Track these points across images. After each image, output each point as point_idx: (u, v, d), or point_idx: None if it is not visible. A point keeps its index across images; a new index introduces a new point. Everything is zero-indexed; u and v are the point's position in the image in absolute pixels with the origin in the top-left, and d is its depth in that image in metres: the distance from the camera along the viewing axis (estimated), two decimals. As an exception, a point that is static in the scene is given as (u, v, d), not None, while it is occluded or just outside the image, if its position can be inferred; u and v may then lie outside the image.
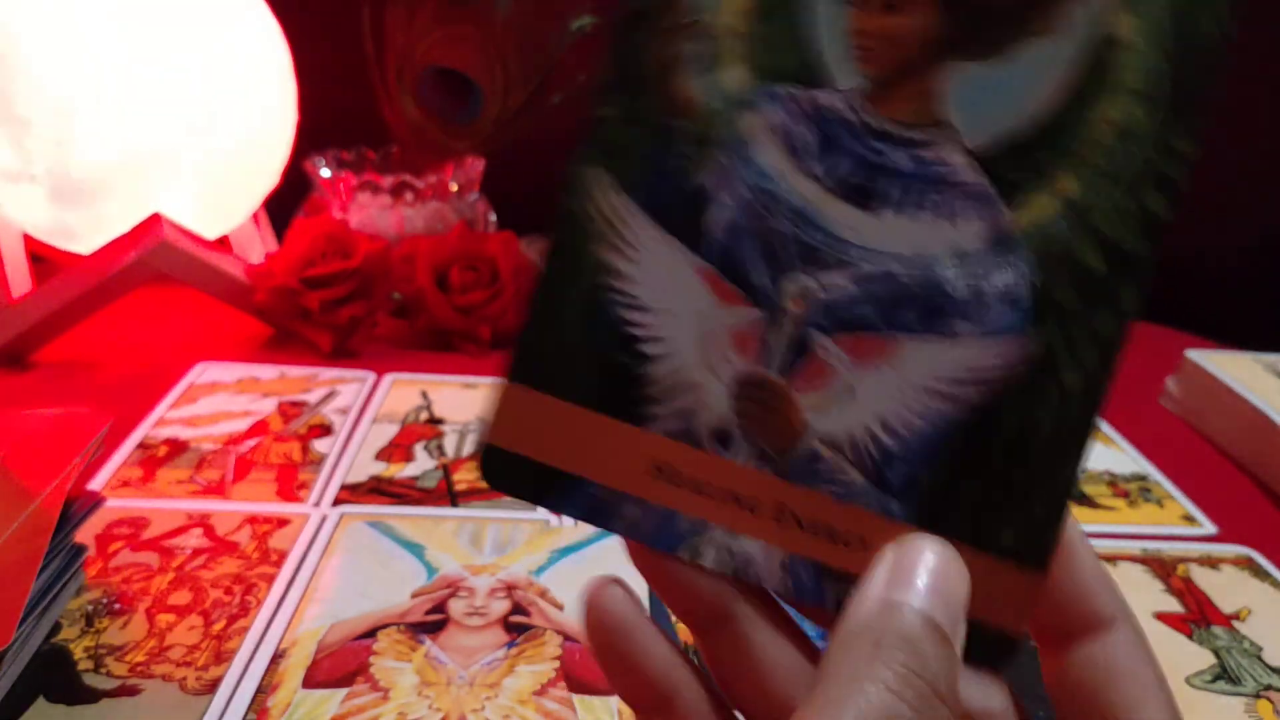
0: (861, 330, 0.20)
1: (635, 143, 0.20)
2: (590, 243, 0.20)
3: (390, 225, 0.74)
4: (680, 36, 0.20)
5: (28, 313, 0.62)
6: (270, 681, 0.36)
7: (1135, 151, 0.20)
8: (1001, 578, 0.20)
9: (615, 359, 0.20)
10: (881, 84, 0.20)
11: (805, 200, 0.20)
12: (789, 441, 0.21)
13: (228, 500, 0.48)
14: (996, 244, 0.20)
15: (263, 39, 0.67)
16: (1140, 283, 0.20)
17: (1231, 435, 0.60)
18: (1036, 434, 0.20)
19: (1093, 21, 0.20)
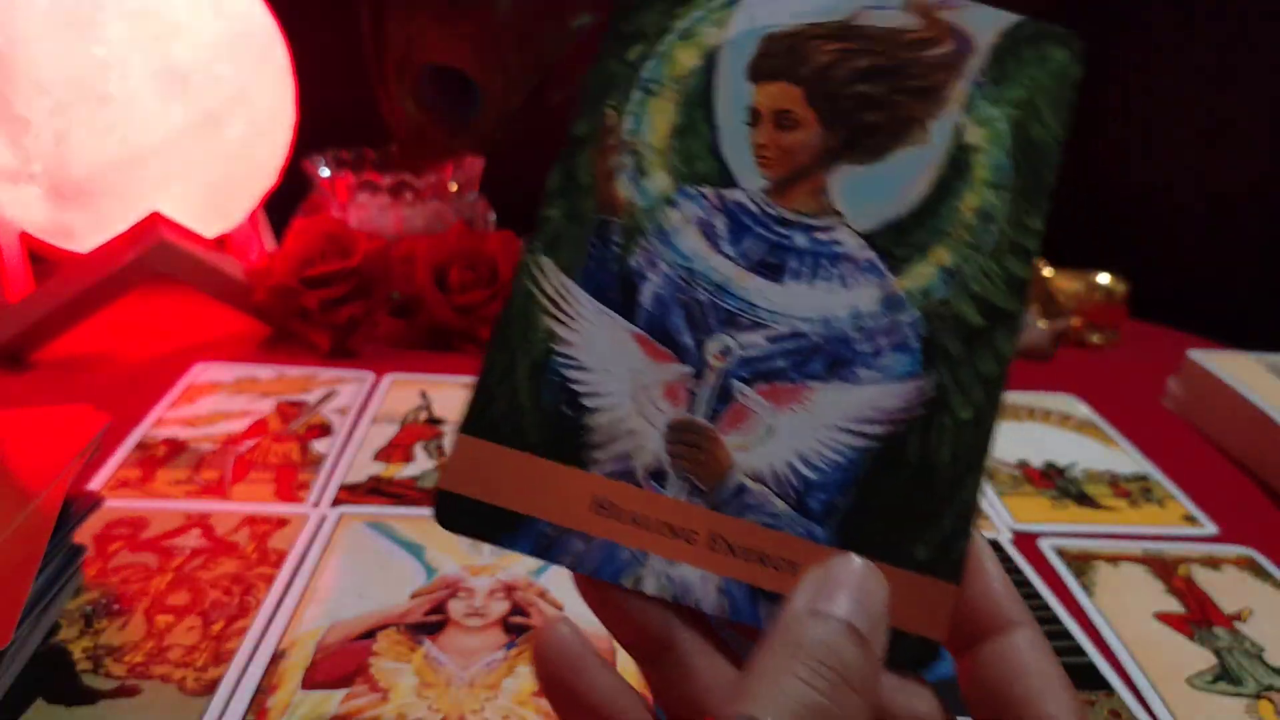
0: (777, 380, 0.24)
1: (576, 236, 0.25)
2: (538, 315, 0.24)
3: (389, 225, 0.74)
4: (615, 153, 0.25)
5: (26, 312, 0.62)
6: (269, 682, 0.36)
7: (994, 228, 0.25)
8: (919, 590, 0.23)
9: (560, 412, 0.24)
10: (780, 184, 0.25)
11: (722, 275, 0.25)
12: (718, 477, 0.24)
13: (227, 500, 0.48)
14: (887, 304, 0.25)
15: (262, 38, 0.67)
16: (1012, 330, 0.24)
17: (1233, 435, 0.60)
18: (937, 461, 0.24)
19: (950, 133, 0.26)
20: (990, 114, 0.26)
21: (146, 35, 0.60)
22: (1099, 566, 0.47)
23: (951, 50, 0.26)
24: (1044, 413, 0.64)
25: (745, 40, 0.26)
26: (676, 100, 0.26)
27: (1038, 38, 0.27)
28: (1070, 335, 0.78)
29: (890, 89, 0.26)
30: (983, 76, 0.26)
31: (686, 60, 0.26)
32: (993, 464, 0.57)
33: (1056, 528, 0.51)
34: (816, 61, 0.26)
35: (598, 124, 0.26)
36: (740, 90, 0.26)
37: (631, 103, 0.26)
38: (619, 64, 0.26)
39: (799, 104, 0.26)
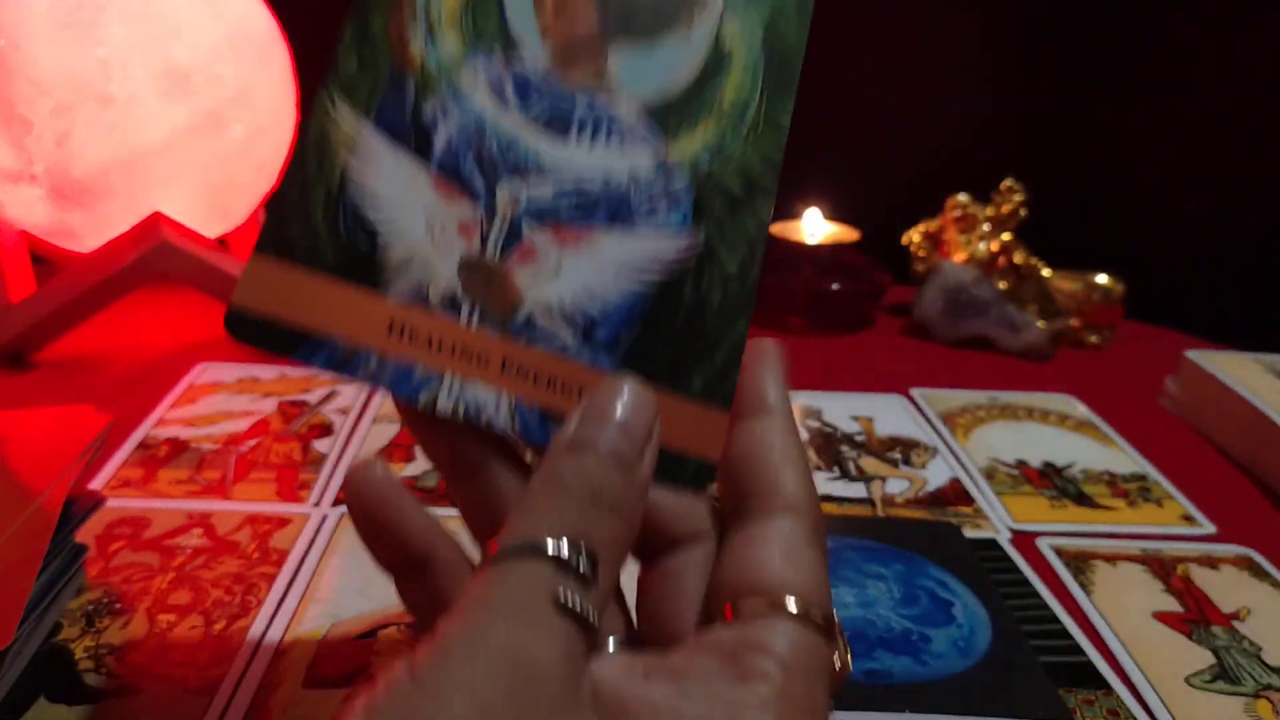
0: (564, 223, 0.26)
1: (371, 84, 0.26)
2: (333, 150, 0.26)
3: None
4: (407, 15, 0.27)
5: (28, 313, 0.62)
6: (271, 681, 0.36)
7: (749, 116, 0.28)
8: (695, 416, 0.26)
9: (356, 241, 0.25)
10: (561, 55, 0.27)
11: (511, 132, 0.27)
12: (509, 308, 0.26)
13: (228, 500, 0.48)
14: (661, 169, 0.27)
15: (263, 38, 0.67)
16: (769, 198, 0.27)
17: (1231, 435, 0.61)
18: (709, 304, 0.27)
19: (713, 25, 0.28)
20: (747, 14, 0.29)
21: (148, 36, 0.60)
22: (1097, 566, 0.47)
23: None
24: (1042, 413, 0.64)
25: None
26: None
27: None
28: (1068, 335, 0.78)
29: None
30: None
31: None
32: (991, 464, 0.57)
33: (1055, 527, 0.51)
34: None
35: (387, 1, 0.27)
36: None
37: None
38: None
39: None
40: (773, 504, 0.24)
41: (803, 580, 0.23)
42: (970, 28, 0.91)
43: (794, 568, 0.23)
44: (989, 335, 0.76)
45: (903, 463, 0.57)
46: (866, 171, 0.94)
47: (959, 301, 0.76)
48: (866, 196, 0.88)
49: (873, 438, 0.60)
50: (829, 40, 0.98)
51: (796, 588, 0.22)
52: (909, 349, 0.77)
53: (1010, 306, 0.77)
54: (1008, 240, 0.80)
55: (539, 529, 0.21)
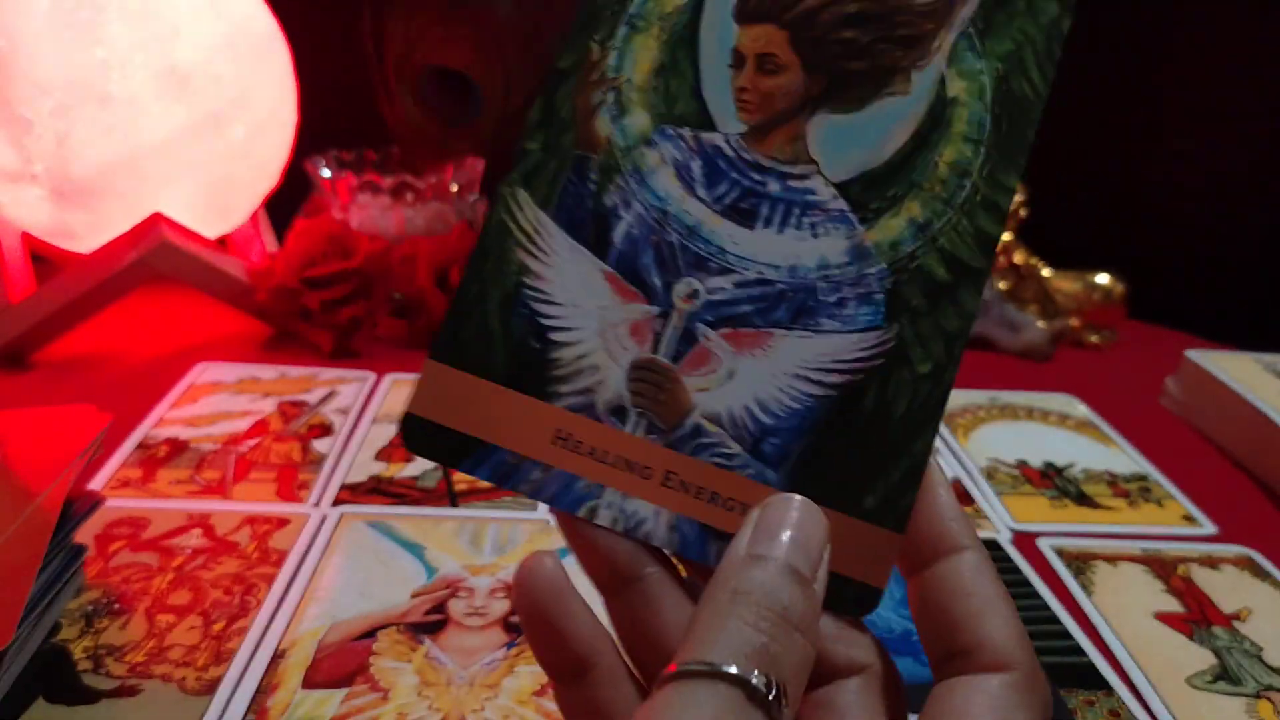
0: (741, 325, 0.25)
1: (554, 170, 0.25)
2: (512, 248, 0.25)
3: (391, 225, 0.74)
4: (596, 89, 0.26)
5: (28, 313, 0.62)
6: (270, 682, 0.36)
7: (968, 184, 0.25)
8: (864, 537, 0.23)
9: (528, 344, 0.24)
10: (758, 129, 0.25)
11: (694, 218, 0.25)
12: (677, 417, 0.24)
13: (228, 500, 0.48)
14: (855, 255, 0.25)
15: (263, 39, 0.67)
16: (978, 287, 0.25)
17: (1231, 435, 0.60)
18: (892, 413, 0.24)
19: (932, 84, 0.25)
20: (975, 66, 0.26)
21: (148, 36, 0.60)
22: (1098, 566, 0.47)
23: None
24: (1043, 413, 0.64)
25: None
26: (661, 38, 0.26)
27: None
28: (1069, 335, 0.78)
29: (876, 36, 0.26)
30: (971, 27, 0.26)
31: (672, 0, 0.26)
32: (992, 464, 0.57)
33: (1055, 527, 0.51)
34: (803, 4, 0.26)
35: (581, 58, 0.26)
36: (726, 31, 0.26)
37: (616, 38, 0.26)
38: (601, 3, 0.26)
39: (783, 48, 0.26)
40: (978, 661, 0.22)
41: None
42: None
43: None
44: (989, 335, 0.76)
45: (903, 463, 0.57)
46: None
47: (959, 301, 0.76)
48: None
49: (873, 438, 0.60)
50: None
51: None
52: (909, 349, 0.77)
53: (1010, 306, 0.77)
54: (1008, 240, 0.80)
55: (724, 649, 0.19)
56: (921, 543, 0.23)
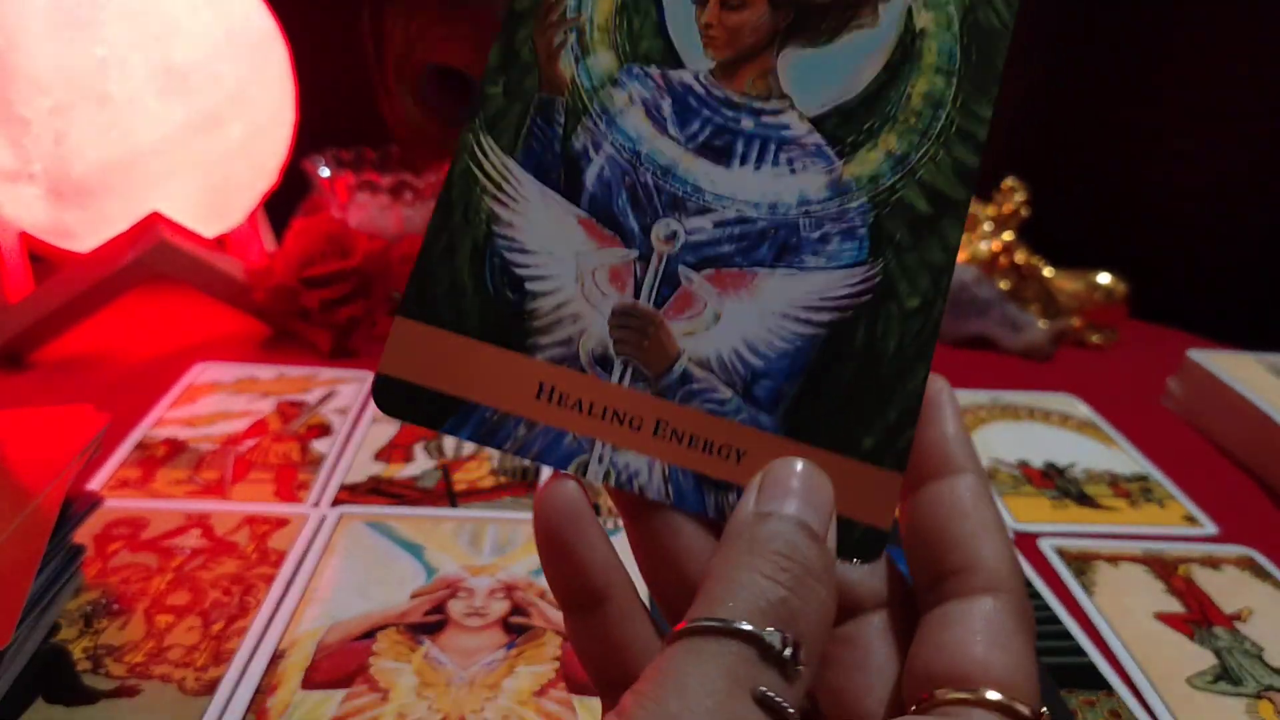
0: (724, 265, 0.24)
1: (518, 115, 0.24)
2: (479, 196, 0.24)
3: (389, 224, 0.74)
4: (558, 30, 0.25)
5: (26, 312, 0.62)
6: (269, 682, 0.36)
7: (942, 114, 0.25)
8: (864, 478, 0.23)
9: (503, 295, 0.23)
10: (727, 65, 0.25)
11: (668, 158, 0.24)
12: (664, 364, 0.23)
13: (227, 500, 0.48)
14: (835, 190, 0.24)
15: (262, 38, 0.67)
16: (960, 218, 0.24)
17: (1233, 435, 0.60)
18: (884, 349, 0.23)
19: (900, 16, 0.25)
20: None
21: (146, 35, 0.60)
22: (1099, 566, 0.47)
23: None
24: (1044, 413, 0.64)
25: None
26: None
27: None
28: (1070, 335, 0.78)
29: None
30: None
31: None
32: (993, 464, 0.57)
33: (1056, 528, 0.51)
34: None
35: (535, 6, 0.25)
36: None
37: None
38: None
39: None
40: (971, 582, 0.22)
41: (1008, 668, 0.20)
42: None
43: (997, 654, 0.21)
44: (990, 335, 0.76)
45: (903, 463, 0.57)
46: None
47: (960, 301, 0.76)
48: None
49: (873, 438, 0.59)
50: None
51: (1000, 677, 0.20)
52: (910, 349, 0.77)
53: (1012, 306, 0.76)
54: (1009, 240, 0.80)
55: (738, 604, 0.19)
56: (920, 461, 0.23)
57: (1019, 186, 0.79)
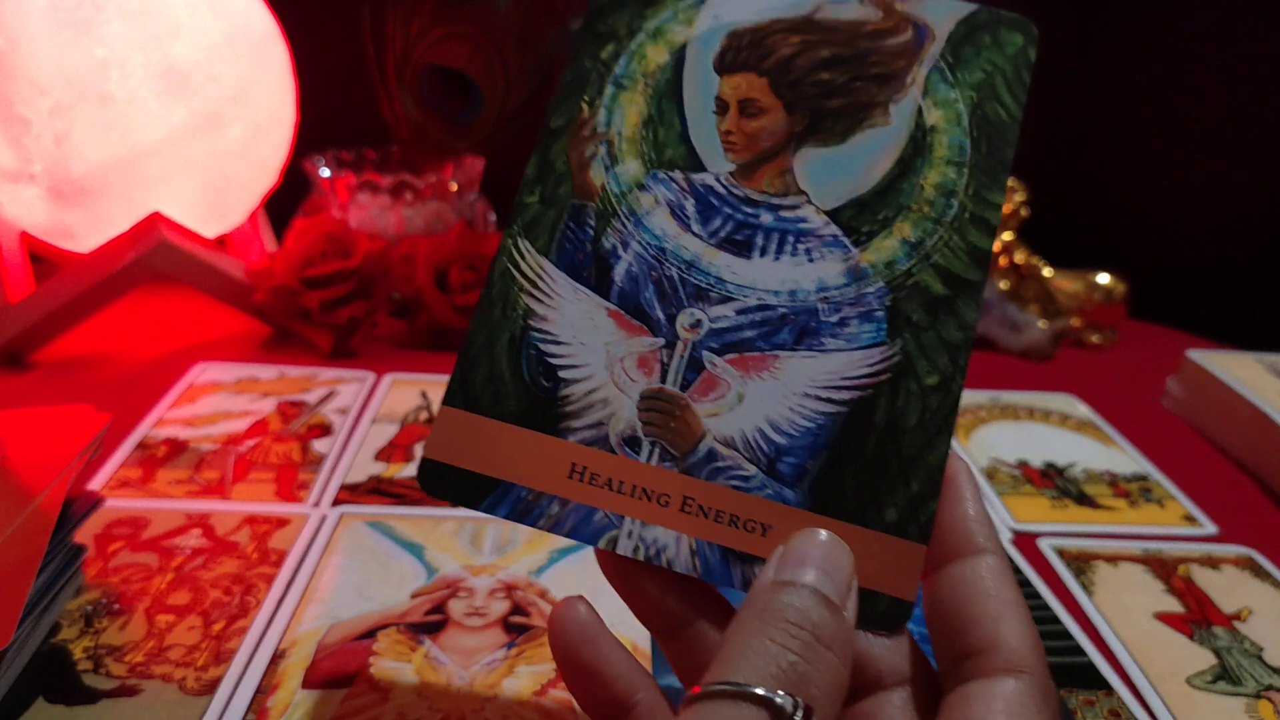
0: (746, 349, 0.25)
1: (553, 219, 0.27)
2: (516, 294, 0.26)
3: (390, 225, 0.74)
4: (589, 143, 0.27)
5: (27, 312, 0.62)
6: (269, 682, 0.36)
7: (955, 202, 0.26)
8: (888, 550, 0.23)
9: (538, 383, 0.25)
10: (746, 167, 0.27)
11: (691, 253, 0.26)
12: (690, 443, 0.25)
13: (227, 500, 0.48)
14: (852, 276, 0.26)
15: (262, 38, 0.67)
16: (976, 299, 0.25)
17: (1232, 435, 0.60)
18: (904, 425, 0.24)
19: (910, 115, 0.27)
20: (948, 96, 0.28)
21: (146, 35, 0.60)
22: (1098, 566, 0.47)
23: (910, 38, 0.28)
24: (1043, 413, 0.64)
25: (712, 36, 0.28)
26: (646, 93, 0.28)
27: (994, 24, 0.29)
28: (1070, 335, 0.78)
29: (851, 75, 0.28)
30: (941, 61, 0.28)
31: (656, 57, 0.28)
32: (993, 464, 0.57)
33: (1056, 527, 0.51)
34: (780, 53, 0.28)
35: (573, 116, 0.28)
36: (708, 82, 0.28)
37: (605, 97, 0.28)
38: (593, 61, 0.28)
39: (763, 93, 0.27)
40: (993, 662, 0.22)
41: None
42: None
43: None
44: (990, 335, 0.76)
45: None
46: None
47: (959, 301, 0.76)
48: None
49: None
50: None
51: None
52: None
53: (1011, 306, 0.76)
54: (1009, 240, 0.80)
55: (750, 669, 0.19)
56: (942, 542, 0.24)
57: (1019, 187, 0.79)
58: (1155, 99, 0.89)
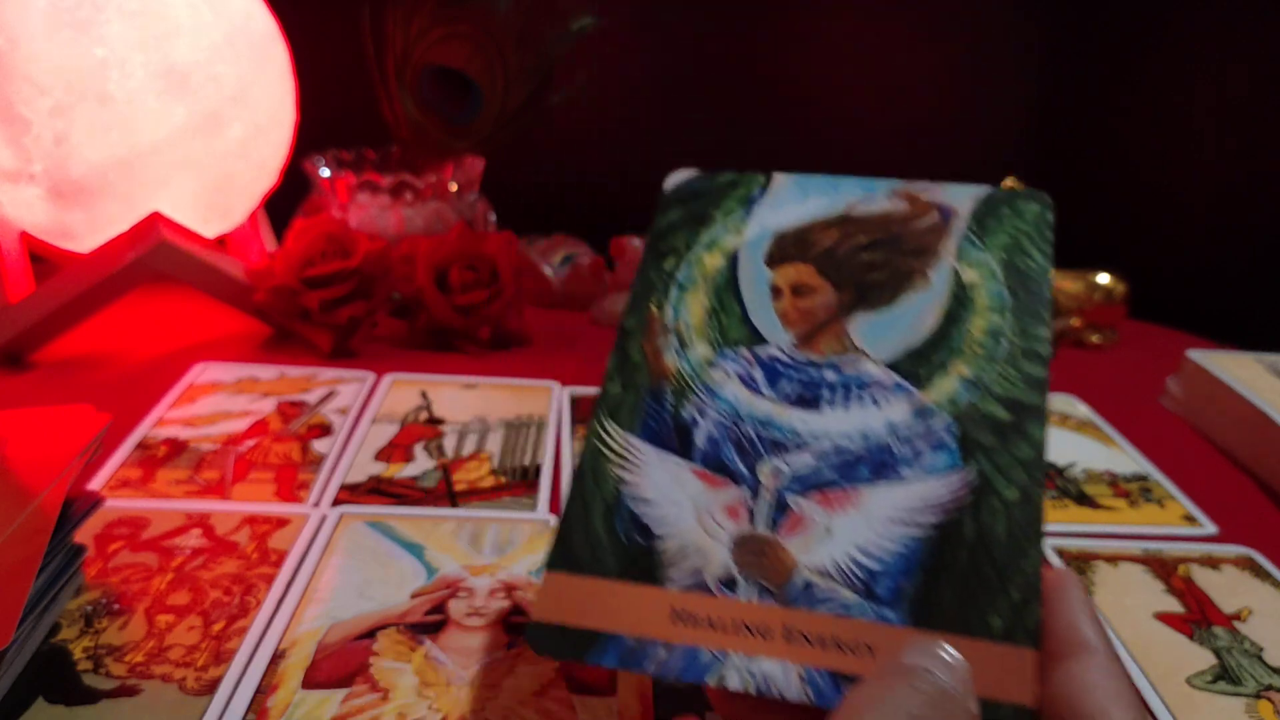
0: (828, 487, 0.27)
1: (634, 400, 0.30)
2: (607, 467, 0.28)
3: (390, 225, 0.74)
4: (661, 336, 0.31)
5: (27, 313, 0.62)
6: (269, 682, 0.36)
7: (1004, 342, 0.29)
8: (1001, 658, 0.24)
9: (634, 541, 0.27)
10: (805, 337, 0.30)
11: (765, 413, 0.29)
12: (785, 577, 0.26)
13: (227, 500, 0.48)
14: (919, 414, 0.28)
15: (262, 38, 0.67)
16: (1040, 419, 0.28)
17: (1232, 435, 0.60)
18: (994, 538, 0.26)
19: (949, 275, 0.30)
20: (981, 257, 0.31)
21: (146, 35, 0.60)
22: (1098, 566, 0.47)
23: (937, 220, 0.32)
24: (1044, 413, 0.64)
25: (760, 240, 0.33)
26: (708, 290, 0.32)
27: (1011, 199, 0.33)
28: (1070, 335, 0.78)
29: (889, 253, 0.31)
30: (969, 232, 0.32)
31: (713, 262, 0.33)
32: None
33: (1056, 527, 0.51)
34: (822, 245, 0.32)
35: (643, 318, 0.32)
36: (760, 274, 0.32)
37: (670, 298, 0.32)
38: (657, 273, 0.33)
39: (812, 276, 0.31)
40: None
41: None
42: (973, 30, 0.91)
43: None
44: (989, 335, 0.76)
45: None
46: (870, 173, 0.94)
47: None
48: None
49: (873, 438, 0.59)
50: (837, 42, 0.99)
51: None
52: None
53: (1011, 306, 0.76)
54: (1008, 240, 0.80)
55: (878, 716, 0.20)
56: (1051, 645, 0.24)
57: (1019, 187, 0.79)
58: (1155, 99, 0.89)
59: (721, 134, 0.94)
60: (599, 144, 0.94)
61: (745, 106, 0.93)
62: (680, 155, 1.01)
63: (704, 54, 0.91)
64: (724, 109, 0.93)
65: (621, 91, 0.92)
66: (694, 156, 1.01)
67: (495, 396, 0.62)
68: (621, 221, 0.85)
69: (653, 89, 0.92)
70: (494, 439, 0.56)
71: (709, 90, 0.92)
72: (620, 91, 0.91)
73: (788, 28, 0.90)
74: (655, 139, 0.94)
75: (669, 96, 0.93)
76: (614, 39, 0.81)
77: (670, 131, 0.94)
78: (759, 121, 0.94)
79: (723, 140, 0.94)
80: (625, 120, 0.93)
